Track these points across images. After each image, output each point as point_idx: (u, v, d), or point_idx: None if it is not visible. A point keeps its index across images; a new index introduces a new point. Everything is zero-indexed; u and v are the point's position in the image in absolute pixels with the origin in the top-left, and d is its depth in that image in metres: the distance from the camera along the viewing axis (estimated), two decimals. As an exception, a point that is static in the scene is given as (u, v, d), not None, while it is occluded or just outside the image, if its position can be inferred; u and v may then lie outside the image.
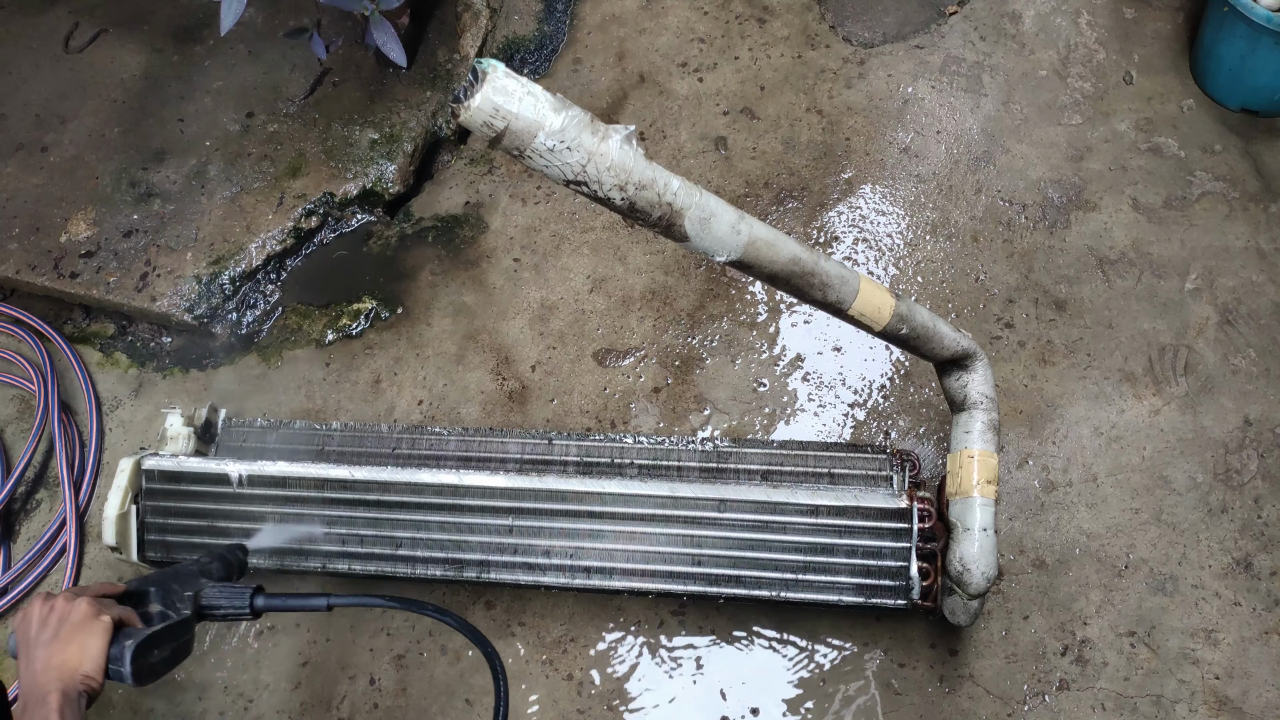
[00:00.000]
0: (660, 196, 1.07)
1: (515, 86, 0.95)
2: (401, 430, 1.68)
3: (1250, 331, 1.85)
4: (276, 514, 1.55)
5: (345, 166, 2.12)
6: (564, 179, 1.01)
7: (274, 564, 1.56)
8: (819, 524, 1.44)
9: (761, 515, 1.46)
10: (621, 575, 1.49)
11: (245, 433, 1.71)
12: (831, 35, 2.28)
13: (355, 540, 1.54)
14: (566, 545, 1.50)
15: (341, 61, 2.26)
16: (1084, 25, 2.25)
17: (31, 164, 2.16)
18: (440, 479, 1.52)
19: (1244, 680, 1.55)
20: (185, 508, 1.57)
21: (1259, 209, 1.98)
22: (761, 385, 1.86)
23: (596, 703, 1.60)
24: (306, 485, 1.55)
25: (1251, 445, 1.74)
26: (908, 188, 2.06)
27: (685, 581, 1.47)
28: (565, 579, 1.50)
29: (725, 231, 1.13)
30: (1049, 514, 1.69)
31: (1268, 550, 1.64)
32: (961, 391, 1.43)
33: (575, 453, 1.62)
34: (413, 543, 1.53)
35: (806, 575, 1.45)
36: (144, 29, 2.36)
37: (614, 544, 1.49)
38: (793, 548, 1.45)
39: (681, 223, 1.10)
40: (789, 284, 1.22)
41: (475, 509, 1.52)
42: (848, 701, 1.57)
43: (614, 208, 1.06)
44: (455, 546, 1.52)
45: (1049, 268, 1.94)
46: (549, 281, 2.01)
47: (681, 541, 1.48)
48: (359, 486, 1.54)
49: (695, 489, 1.48)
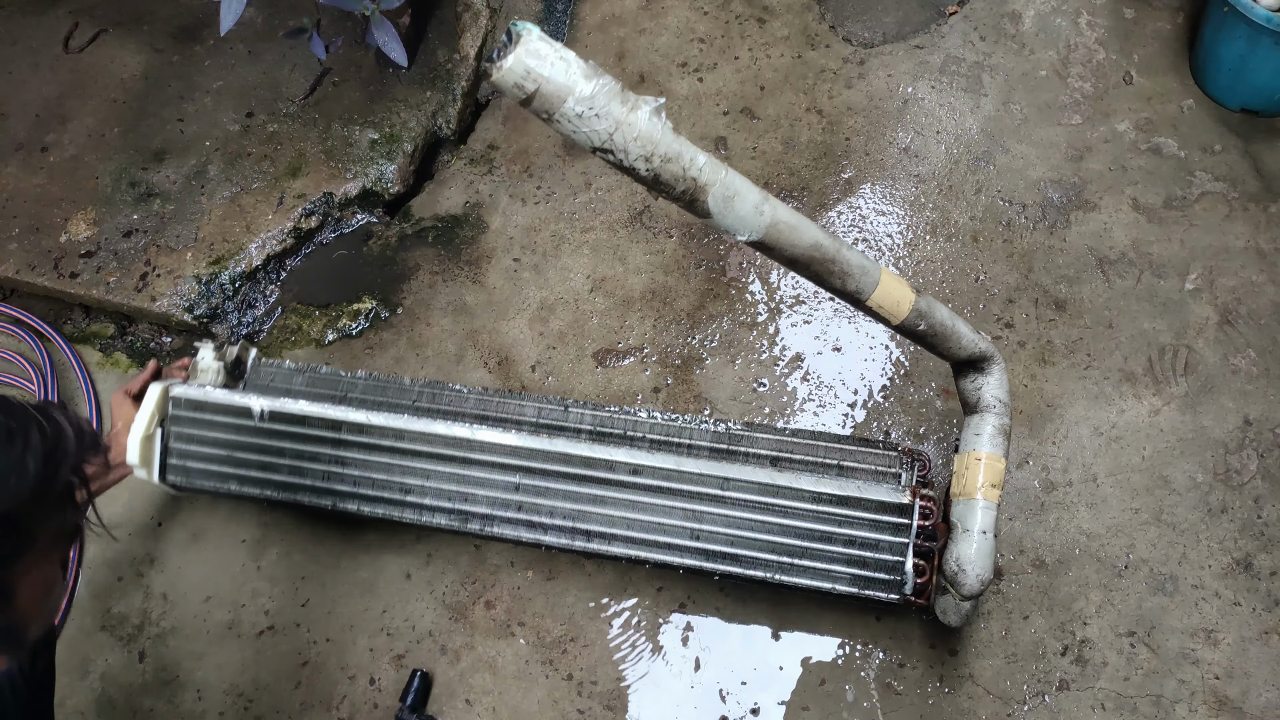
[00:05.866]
0: (685, 171, 1.06)
1: (548, 50, 0.96)
2: (423, 385, 1.70)
3: (1250, 331, 1.85)
4: (294, 450, 1.58)
5: (345, 166, 2.12)
6: (591, 145, 1.01)
7: (287, 497, 1.58)
8: (820, 511, 1.44)
9: (764, 497, 1.47)
10: (621, 542, 1.49)
11: (273, 373, 1.74)
12: (831, 35, 2.28)
13: (367, 483, 1.56)
14: (570, 508, 1.51)
15: (341, 61, 2.26)
16: (1084, 25, 2.25)
17: (31, 164, 2.16)
18: (454, 431, 1.54)
19: (1244, 680, 1.55)
20: (207, 436, 1.60)
21: (1259, 209, 1.98)
22: (761, 385, 1.86)
23: (596, 703, 1.60)
24: (325, 425, 1.58)
25: (1251, 445, 1.74)
26: (907, 188, 2.06)
27: (682, 554, 1.47)
28: (565, 540, 1.50)
29: (748, 211, 1.12)
30: (1049, 514, 1.70)
31: (1268, 550, 1.64)
32: (976, 394, 1.43)
33: (590, 421, 1.63)
34: (421, 490, 1.55)
35: (803, 560, 1.44)
36: (144, 29, 2.36)
37: (616, 510, 1.50)
38: (792, 532, 1.45)
39: (705, 199, 1.09)
40: (809, 269, 1.21)
41: (485, 464, 1.53)
42: (848, 701, 1.57)
43: (639, 178, 1.06)
44: (462, 498, 1.54)
45: (1049, 268, 1.94)
46: (549, 281, 2.01)
47: (682, 515, 1.48)
48: (375, 431, 1.56)
49: (701, 465, 1.49)
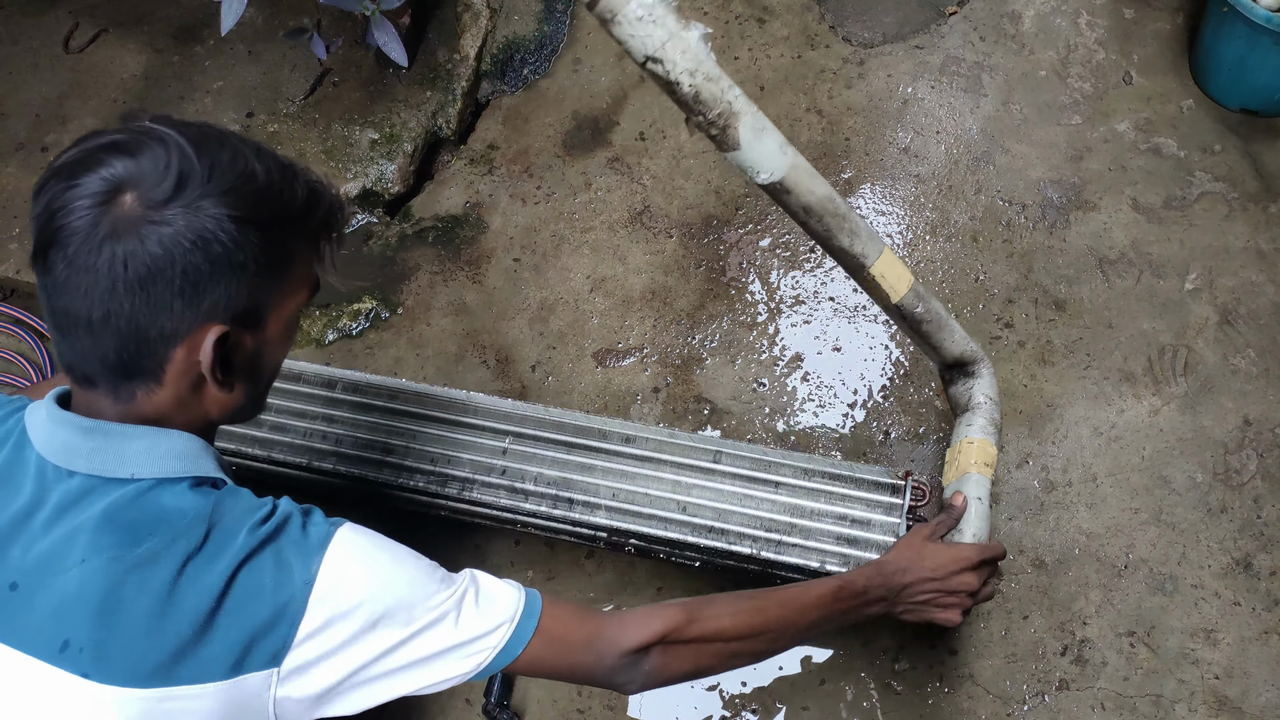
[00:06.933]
0: (723, 94, 1.11)
1: None
2: None
3: (1250, 331, 1.85)
4: (286, 407, 1.58)
5: (345, 166, 2.12)
6: (643, 53, 1.07)
7: (261, 452, 1.56)
8: (811, 488, 1.44)
9: (755, 471, 1.46)
10: (604, 512, 1.47)
11: None
12: (831, 35, 2.28)
13: (349, 441, 1.55)
14: (555, 475, 1.49)
15: (341, 61, 2.26)
16: (1084, 25, 2.25)
17: (32, 164, 2.16)
18: (450, 394, 1.56)
19: (1243, 680, 1.55)
20: None
21: (1259, 209, 1.98)
22: (761, 385, 1.86)
23: (596, 702, 1.60)
24: (319, 383, 1.59)
25: (1251, 445, 1.74)
26: (907, 188, 2.06)
27: (668, 527, 1.45)
28: (547, 507, 1.48)
29: (773, 148, 1.15)
30: (1048, 514, 1.70)
31: (1267, 550, 1.64)
32: (966, 395, 1.43)
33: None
34: (404, 451, 1.54)
35: (791, 538, 1.43)
36: (144, 29, 2.36)
37: (602, 480, 1.48)
38: (781, 508, 1.44)
39: (737, 126, 1.12)
40: (821, 222, 1.22)
41: (474, 427, 1.54)
42: (847, 700, 1.57)
43: (679, 95, 1.11)
44: (446, 461, 1.52)
45: (1048, 268, 1.94)
46: (549, 281, 2.02)
47: (670, 486, 1.47)
48: (369, 391, 1.58)
49: (694, 438, 1.50)
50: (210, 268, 0.83)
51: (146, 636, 0.82)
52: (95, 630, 0.82)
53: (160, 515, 0.86)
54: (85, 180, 0.80)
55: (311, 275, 0.96)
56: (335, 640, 0.87)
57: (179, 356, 0.85)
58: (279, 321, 0.93)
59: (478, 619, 0.95)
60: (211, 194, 0.82)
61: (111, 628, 0.82)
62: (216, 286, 0.84)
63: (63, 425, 0.87)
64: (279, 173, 0.90)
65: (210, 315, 0.85)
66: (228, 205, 0.83)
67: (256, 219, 0.85)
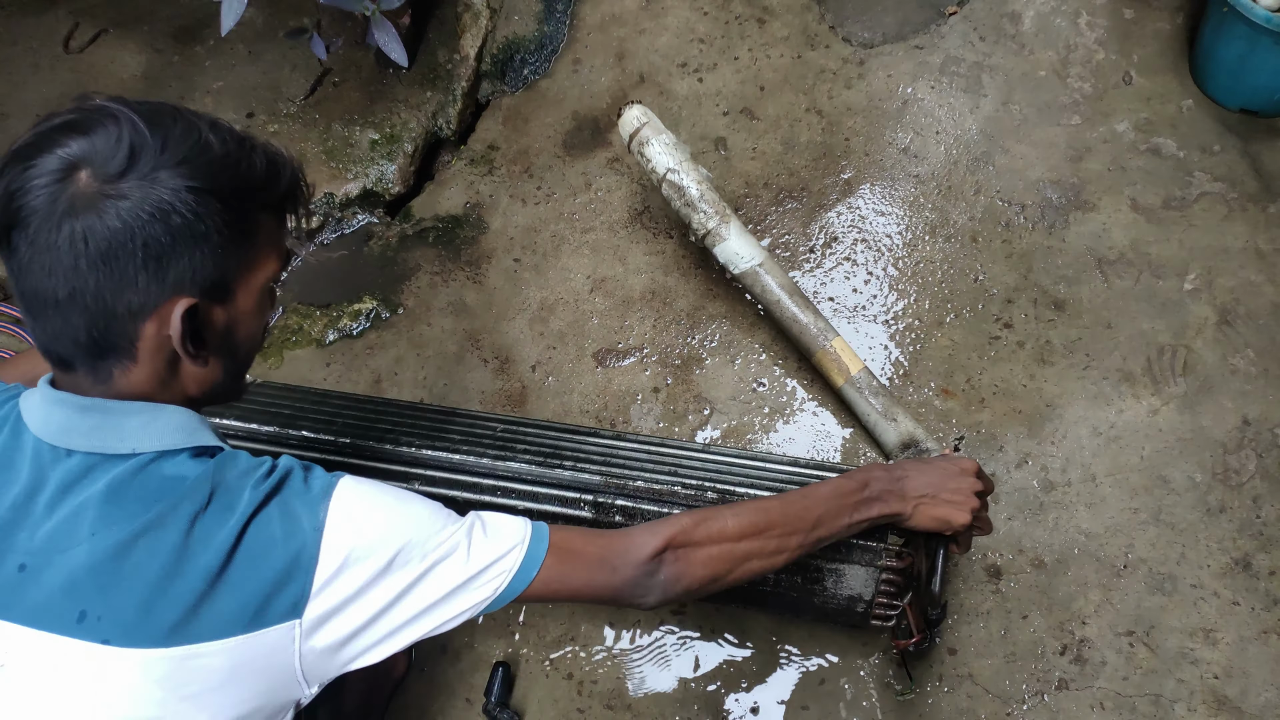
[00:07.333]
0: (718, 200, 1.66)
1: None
2: None
3: (1249, 331, 1.85)
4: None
5: (345, 167, 2.12)
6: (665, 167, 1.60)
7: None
8: (798, 473, 1.43)
9: (743, 459, 1.47)
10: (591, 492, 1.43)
11: None
12: (831, 35, 2.28)
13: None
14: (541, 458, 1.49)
15: (341, 61, 2.27)
16: (1084, 25, 2.25)
17: (32, 164, 2.16)
18: None
19: (1243, 680, 1.55)
20: None
21: (1258, 209, 1.98)
22: (761, 385, 1.86)
23: (596, 702, 1.60)
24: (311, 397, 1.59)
25: (1250, 445, 1.74)
26: (907, 188, 2.06)
27: (656, 482, 1.41)
28: (538, 465, 1.42)
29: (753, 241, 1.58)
30: (1048, 514, 1.70)
31: (1266, 550, 1.65)
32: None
33: None
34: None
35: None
36: (144, 29, 2.36)
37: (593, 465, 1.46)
38: (772, 475, 1.44)
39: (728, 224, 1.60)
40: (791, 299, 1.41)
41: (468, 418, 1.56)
42: (847, 701, 1.57)
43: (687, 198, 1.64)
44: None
45: (1048, 268, 1.94)
46: (549, 282, 2.02)
47: (662, 472, 1.44)
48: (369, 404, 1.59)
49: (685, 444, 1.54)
50: (171, 239, 0.83)
51: (162, 596, 0.83)
52: (111, 597, 0.82)
53: (164, 484, 0.87)
54: (41, 160, 0.81)
55: (280, 247, 0.96)
56: (353, 584, 0.88)
57: (149, 332, 0.86)
58: (249, 294, 0.93)
59: (488, 547, 0.95)
60: (166, 165, 0.83)
61: (127, 592, 0.83)
62: (180, 258, 0.84)
63: (59, 405, 0.88)
64: (235, 143, 0.89)
65: (177, 288, 0.85)
66: (184, 175, 0.83)
67: (215, 189, 0.85)
